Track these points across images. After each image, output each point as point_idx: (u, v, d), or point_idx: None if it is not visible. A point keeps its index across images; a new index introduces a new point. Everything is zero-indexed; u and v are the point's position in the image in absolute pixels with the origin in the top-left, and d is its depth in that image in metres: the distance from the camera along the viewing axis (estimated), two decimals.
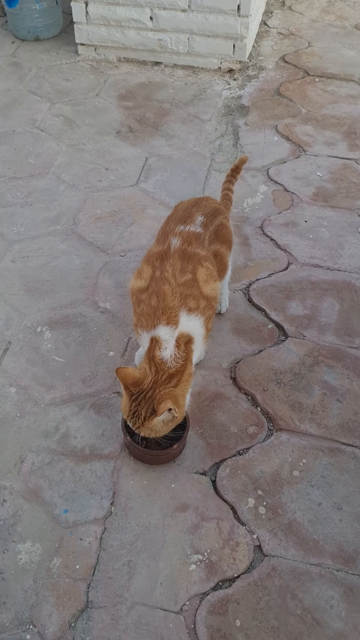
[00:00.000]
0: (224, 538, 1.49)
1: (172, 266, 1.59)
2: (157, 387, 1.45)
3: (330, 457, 1.65)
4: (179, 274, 1.58)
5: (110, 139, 2.78)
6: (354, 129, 2.83)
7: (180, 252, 1.62)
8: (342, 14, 3.72)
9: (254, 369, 1.85)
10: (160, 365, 1.47)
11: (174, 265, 1.59)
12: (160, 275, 1.58)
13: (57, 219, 2.37)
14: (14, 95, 3.05)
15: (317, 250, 2.25)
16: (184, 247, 1.63)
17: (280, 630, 1.34)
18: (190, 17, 3.05)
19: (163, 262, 1.61)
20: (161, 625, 1.35)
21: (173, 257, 1.61)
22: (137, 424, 1.47)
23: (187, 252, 1.62)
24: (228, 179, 2.03)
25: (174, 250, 1.62)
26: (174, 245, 1.64)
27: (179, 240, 1.65)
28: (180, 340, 1.49)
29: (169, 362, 1.47)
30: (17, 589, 1.40)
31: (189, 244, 1.64)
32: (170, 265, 1.59)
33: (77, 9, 3.18)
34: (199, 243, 1.67)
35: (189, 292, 1.55)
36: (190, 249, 1.63)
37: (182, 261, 1.60)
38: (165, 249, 1.64)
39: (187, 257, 1.61)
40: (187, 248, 1.63)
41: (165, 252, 1.63)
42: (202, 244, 1.67)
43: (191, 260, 1.61)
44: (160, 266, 1.60)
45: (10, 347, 1.91)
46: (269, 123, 2.87)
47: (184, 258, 1.61)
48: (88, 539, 1.48)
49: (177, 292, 1.54)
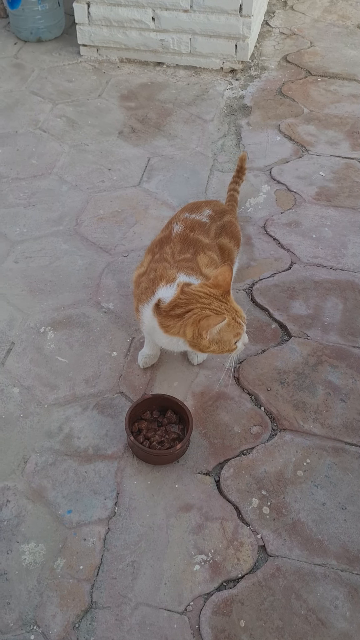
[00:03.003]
0: (228, 538, 1.48)
1: (171, 249, 1.55)
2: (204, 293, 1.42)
3: (334, 456, 1.64)
4: (178, 254, 1.53)
5: (113, 140, 2.78)
6: (356, 128, 2.83)
7: (182, 236, 1.57)
8: (345, 13, 3.72)
9: (258, 369, 1.85)
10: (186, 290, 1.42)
11: (174, 248, 1.55)
12: (159, 257, 1.54)
13: (60, 220, 2.37)
14: (17, 96, 3.05)
15: (320, 250, 2.24)
16: (186, 232, 1.58)
17: (285, 631, 1.34)
18: (192, 17, 3.04)
19: (162, 247, 1.57)
20: (165, 625, 1.35)
21: (173, 241, 1.57)
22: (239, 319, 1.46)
23: (189, 237, 1.57)
24: (234, 180, 2.03)
25: (175, 235, 1.58)
26: (175, 230, 1.60)
27: (182, 226, 1.60)
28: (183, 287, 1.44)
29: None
30: (21, 590, 1.40)
31: (191, 230, 1.59)
32: (169, 248, 1.55)
33: (79, 10, 3.18)
34: (203, 231, 1.61)
35: (187, 265, 1.51)
36: (193, 235, 1.58)
37: (182, 245, 1.55)
38: (167, 235, 1.60)
39: (188, 242, 1.56)
40: (189, 234, 1.58)
41: (166, 237, 1.59)
42: (206, 232, 1.62)
43: (192, 245, 1.56)
44: (159, 251, 1.57)
45: (13, 347, 1.91)
46: (272, 123, 2.87)
47: (184, 242, 1.56)
48: (92, 539, 1.48)
49: (175, 265, 1.50)
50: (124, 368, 1.85)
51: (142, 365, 1.83)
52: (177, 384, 1.81)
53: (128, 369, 1.85)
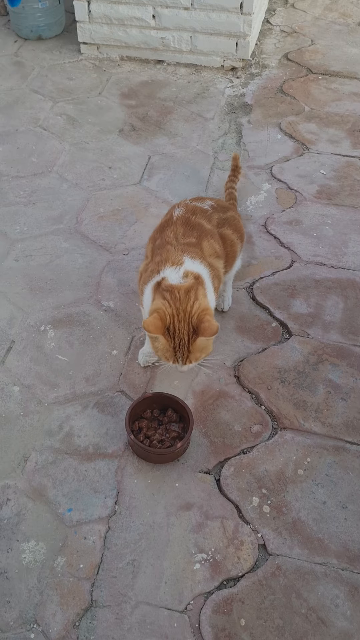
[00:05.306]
0: (229, 537, 1.48)
1: (173, 232, 1.50)
2: (182, 307, 1.33)
3: (334, 455, 1.64)
4: (182, 237, 1.48)
5: (113, 138, 2.77)
6: (357, 126, 2.82)
7: (184, 219, 1.52)
8: (346, 11, 3.71)
9: (258, 368, 1.85)
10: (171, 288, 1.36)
11: (176, 230, 1.50)
12: (161, 241, 1.49)
13: (60, 218, 2.36)
14: (17, 94, 3.04)
15: (321, 249, 2.24)
16: (187, 215, 1.53)
17: (285, 630, 1.34)
18: (193, 15, 3.04)
19: (163, 231, 1.52)
20: (166, 624, 1.34)
21: (175, 224, 1.52)
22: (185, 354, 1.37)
23: (191, 220, 1.52)
24: (230, 179, 2.02)
25: (176, 218, 1.53)
26: (176, 214, 1.55)
27: (183, 210, 1.55)
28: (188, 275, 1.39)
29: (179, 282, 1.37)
30: (21, 588, 1.40)
31: (192, 213, 1.54)
32: (171, 231, 1.50)
33: (79, 8, 3.18)
34: (205, 217, 1.56)
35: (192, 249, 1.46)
36: (195, 218, 1.53)
37: (184, 227, 1.50)
38: (167, 219, 1.56)
39: (191, 225, 1.51)
40: (190, 217, 1.53)
41: (167, 221, 1.55)
42: (208, 218, 1.57)
43: (195, 229, 1.50)
44: (160, 236, 1.52)
45: (13, 346, 1.90)
46: (273, 121, 2.86)
47: (187, 225, 1.51)
48: (92, 537, 1.48)
49: (179, 248, 1.45)
50: (124, 366, 1.85)
51: (142, 363, 1.83)
52: (178, 383, 1.80)
53: (128, 367, 1.85)
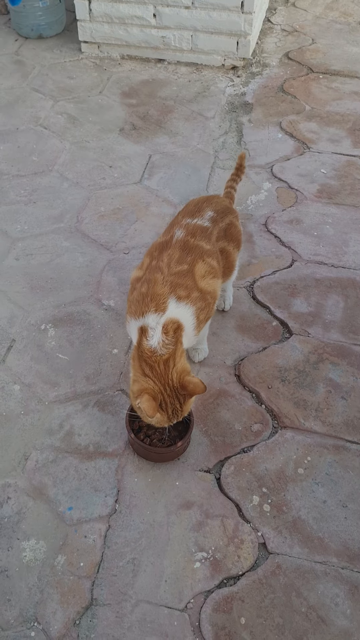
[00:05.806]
0: (229, 536, 1.48)
1: (168, 256, 1.56)
2: (166, 382, 1.43)
3: (335, 454, 1.64)
4: (175, 263, 1.55)
5: (114, 137, 2.77)
6: (358, 125, 2.82)
7: (182, 243, 1.60)
8: (346, 10, 3.70)
9: (259, 367, 1.85)
10: (151, 358, 1.44)
11: (172, 255, 1.57)
12: (156, 264, 1.56)
13: (61, 217, 2.37)
14: (18, 93, 3.04)
15: (321, 248, 2.24)
16: (187, 238, 1.61)
17: (285, 628, 1.34)
18: (194, 14, 3.04)
19: (161, 253, 1.59)
20: (166, 622, 1.35)
21: (173, 247, 1.59)
22: (179, 414, 1.47)
23: (189, 244, 1.60)
24: (232, 178, 2.02)
25: (175, 241, 1.60)
26: (176, 236, 1.62)
27: (183, 232, 1.62)
28: (168, 327, 1.46)
29: (159, 350, 1.44)
30: (21, 587, 1.40)
31: (192, 236, 1.62)
32: (167, 255, 1.57)
33: (80, 7, 3.18)
34: (205, 236, 1.64)
35: (181, 281, 1.52)
36: (194, 241, 1.61)
37: (181, 252, 1.58)
38: (167, 240, 1.62)
39: (188, 249, 1.59)
40: (189, 240, 1.61)
41: (167, 242, 1.61)
42: (208, 237, 1.65)
43: (192, 252, 1.58)
44: (157, 256, 1.59)
45: (14, 344, 1.90)
46: (273, 120, 2.86)
47: (184, 249, 1.58)
48: (92, 536, 1.48)
49: (168, 280, 1.51)
50: (124, 365, 1.85)
51: None
52: None
53: (129, 366, 1.85)
